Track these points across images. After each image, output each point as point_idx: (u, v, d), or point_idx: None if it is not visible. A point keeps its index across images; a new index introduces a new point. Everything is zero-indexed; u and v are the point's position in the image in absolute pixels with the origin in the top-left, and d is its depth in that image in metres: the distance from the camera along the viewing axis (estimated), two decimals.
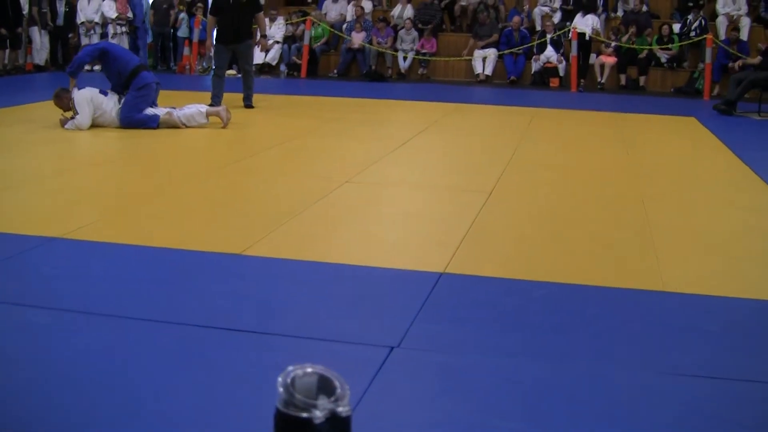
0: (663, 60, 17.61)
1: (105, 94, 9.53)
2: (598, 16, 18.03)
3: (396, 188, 6.94)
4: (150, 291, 4.17)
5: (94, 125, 9.40)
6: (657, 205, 6.38)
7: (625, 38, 17.45)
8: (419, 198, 6.61)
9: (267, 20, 18.11)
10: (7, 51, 17.82)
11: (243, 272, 4.53)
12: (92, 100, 9.40)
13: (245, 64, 12.21)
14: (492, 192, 6.61)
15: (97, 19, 18.96)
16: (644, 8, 18.43)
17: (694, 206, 6.53)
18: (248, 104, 12.03)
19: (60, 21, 18.89)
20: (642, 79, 17.44)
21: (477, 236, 5.32)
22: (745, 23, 17.78)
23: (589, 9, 17.90)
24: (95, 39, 18.36)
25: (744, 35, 17.54)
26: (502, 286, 4.40)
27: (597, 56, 17.54)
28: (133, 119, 9.41)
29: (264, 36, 14.06)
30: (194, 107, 9.78)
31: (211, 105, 10.90)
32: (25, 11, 18.22)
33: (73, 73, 9.53)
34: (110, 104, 9.49)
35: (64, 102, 9.43)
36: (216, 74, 11.97)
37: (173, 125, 9.56)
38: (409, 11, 19.31)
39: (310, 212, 5.82)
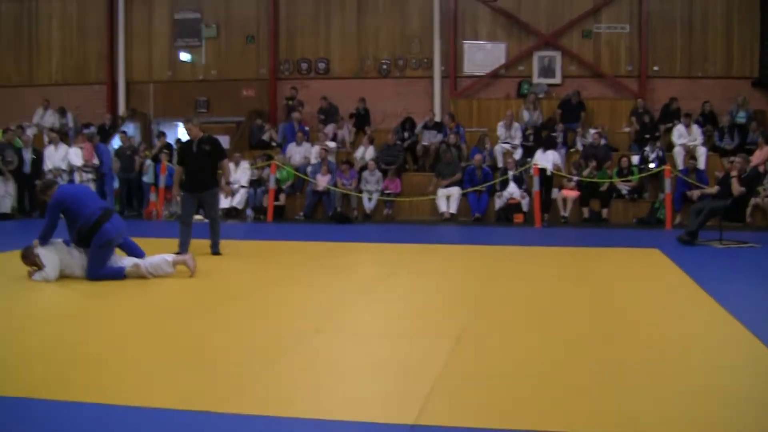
0: (624, 192, 17.93)
1: (68, 244, 9.54)
2: (558, 151, 18.39)
3: (363, 337, 6.88)
4: None
5: (63, 275, 9.39)
6: (622, 343, 6.38)
7: (586, 172, 17.75)
8: (387, 346, 6.55)
9: (232, 165, 18.33)
10: None
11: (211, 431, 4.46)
12: (57, 252, 9.43)
13: (211, 211, 12.24)
14: (459, 337, 6.59)
15: (63, 166, 19.21)
16: (602, 141, 18.86)
17: (659, 343, 6.52)
18: (215, 251, 12.07)
19: (27, 168, 19.05)
20: (604, 212, 17.72)
21: (445, 384, 5.28)
22: (702, 152, 18.24)
23: (549, 145, 18.28)
24: None
25: (701, 164, 17.98)
26: None
27: (559, 191, 17.79)
28: (98, 274, 9.40)
29: (228, 182, 14.18)
30: (160, 257, 9.76)
31: (178, 253, 10.91)
32: None
33: (44, 241, 9.54)
34: (75, 256, 9.50)
35: (31, 259, 9.45)
36: (183, 222, 11.98)
37: (140, 276, 9.54)
38: (371, 152, 19.60)
39: (278, 364, 5.76)
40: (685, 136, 18.66)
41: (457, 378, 5.47)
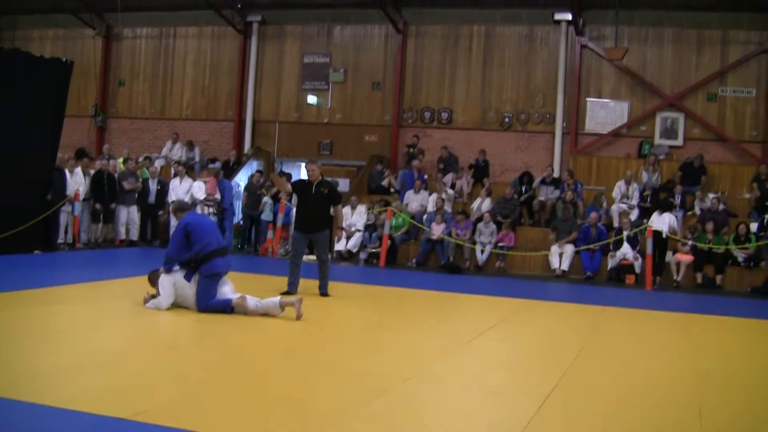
0: (740, 259, 17.60)
1: (188, 279, 9.98)
2: (675, 215, 18.21)
3: (451, 389, 7.02)
4: None
5: (175, 305, 9.85)
6: (714, 416, 6.38)
7: (709, 236, 17.46)
8: (473, 400, 6.67)
9: (349, 208, 18.73)
10: (100, 225, 18.81)
11: None
12: (175, 284, 9.91)
13: (322, 253, 12.52)
14: (548, 396, 6.70)
15: (186, 198, 19.80)
16: (721, 207, 18.58)
17: (754, 421, 6.49)
18: (323, 292, 12.37)
19: (152, 199, 19.79)
20: (719, 278, 17.39)
21: None
22: None
23: (666, 208, 18.11)
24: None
25: None
26: None
27: (673, 254, 17.60)
28: (207, 305, 9.84)
29: (341, 228, 14.47)
30: (270, 301, 10.06)
31: (287, 292, 11.27)
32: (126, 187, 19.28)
33: (168, 267, 10.08)
34: (191, 290, 9.94)
35: (154, 281, 10.12)
36: (293, 262, 12.33)
37: (246, 311, 9.89)
38: (488, 204, 19.73)
39: (367, 410, 5.97)
40: None
41: None
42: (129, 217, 19.42)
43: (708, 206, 18.71)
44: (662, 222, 17.77)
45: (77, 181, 18.31)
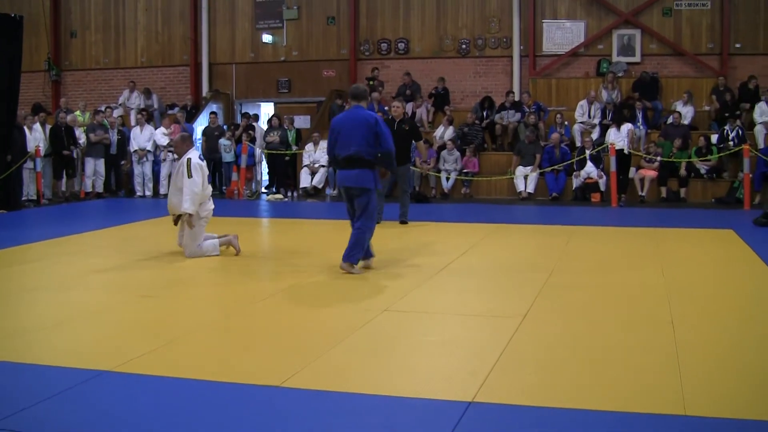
0: (703, 171, 17.79)
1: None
2: (637, 126, 18.32)
3: (432, 316, 7.16)
4: (192, 427, 4.44)
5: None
6: (686, 326, 6.53)
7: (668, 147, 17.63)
8: (454, 325, 6.80)
9: (311, 144, 18.81)
10: (64, 179, 18.72)
11: (281, 405, 4.78)
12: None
13: (403, 184, 13.81)
14: (525, 316, 6.83)
15: (149, 146, 19.72)
16: (683, 121, 18.69)
17: (724, 326, 6.65)
18: (403, 220, 13.60)
19: (113, 149, 19.65)
20: (683, 191, 17.60)
21: (507, 364, 5.51)
22: None
23: (618, 121, 18.12)
24: (147, 166, 19.25)
25: None
26: (529, 416, 4.58)
27: (637, 170, 17.76)
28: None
29: (425, 161, 14.81)
30: (210, 241, 10.39)
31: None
32: (82, 141, 19.09)
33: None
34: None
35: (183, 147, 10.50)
36: (378, 193, 12.82)
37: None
38: (450, 132, 19.77)
39: (348, 342, 6.08)
40: (766, 114, 18.37)
41: (517, 357, 5.70)
42: (96, 169, 19.29)
43: (671, 121, 18.79)
44: (620, 136, 17.83)
45: (37, 138, 18.15)
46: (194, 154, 10.28)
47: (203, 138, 20.62)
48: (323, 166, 19.45)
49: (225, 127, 21.21)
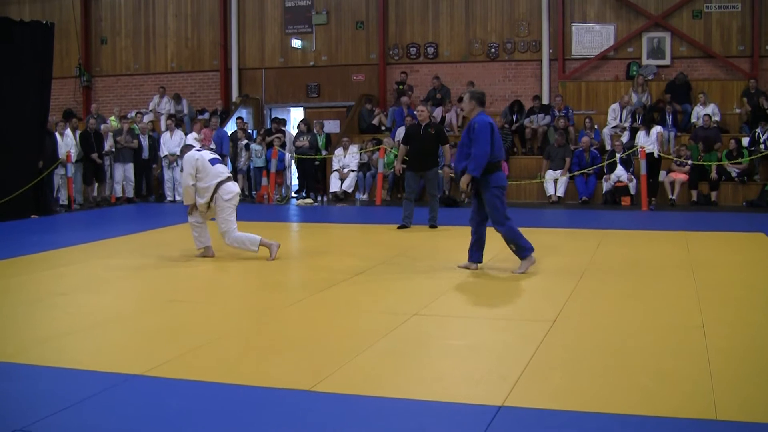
0: (734, 174, 17.69)
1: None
2: (668, 130, 18.23)
3: (462, 320, 7.15)
4: (222, 431, 4.47)
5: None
6: (717, 330, 6.49)
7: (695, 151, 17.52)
8: (484, 329, 6.81)
9: (341, 149, 18.83)
10: (96, 185, 18.88)
11: (310, 409, 4.79)
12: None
13: (432, 189, 13.64)
14: (555, 320, 6.81)
15: (179, 152, 19.79)
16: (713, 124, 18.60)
17: (755, 330, 6.60)
18: (432, 225, 13.45)
19: (145, 154, 19.80)
20: (713, 194, 17.50)
21: (537, 368, 5.50)
22: None
23: (647, 124, 18.07)
24: (177, 171, 19.36)
25: None
26: (559, 420, 4.57)
27: (667, 174, 17.68)
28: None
29: (449, 165, 14.95)
30: (246, 235, 10.37)
31: (402, 225, 12.86)
32: (107, 146, 19.25)
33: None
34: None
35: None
36: (407, 198, 13.52)
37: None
38: None
39: (379, 346, 6.08)
40: None
41: (548, 361, 5.68)
42: (125, 174, 19.45)
43: (700, 124, 18.70)
44: (650, 139, 17.79)
45: (68, 143, 18.33)
46: (192, 152, 10.38)
47: (231, 143, 20.70)
48: (353, 170, 19.48)
49: (254, 133, 21.32)
